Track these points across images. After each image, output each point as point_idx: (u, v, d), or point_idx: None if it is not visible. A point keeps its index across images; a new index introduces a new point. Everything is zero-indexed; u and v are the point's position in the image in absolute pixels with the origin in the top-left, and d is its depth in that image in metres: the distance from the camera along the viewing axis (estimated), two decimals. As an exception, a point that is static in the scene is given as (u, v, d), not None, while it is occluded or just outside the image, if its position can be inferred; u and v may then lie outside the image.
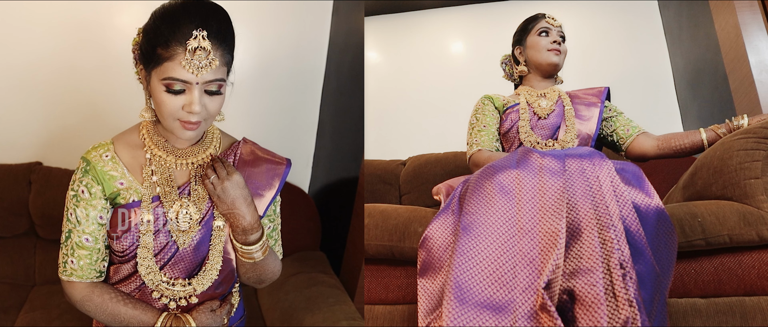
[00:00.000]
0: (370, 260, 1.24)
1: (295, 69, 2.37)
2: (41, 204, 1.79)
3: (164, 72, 0.94)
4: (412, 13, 3.30)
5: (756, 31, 1.80)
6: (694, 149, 1.41)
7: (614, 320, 0.78)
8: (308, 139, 2.44)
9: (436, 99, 3.12)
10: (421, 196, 2.19)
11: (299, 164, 2.41)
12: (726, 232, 1.12)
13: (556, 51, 1.53)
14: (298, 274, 1.71)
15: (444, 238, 1.00)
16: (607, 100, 1.59)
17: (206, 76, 0.94)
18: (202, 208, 1.06)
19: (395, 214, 1.23)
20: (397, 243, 1.20)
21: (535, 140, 1.46)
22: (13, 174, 1.86)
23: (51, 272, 1.78)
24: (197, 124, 0.98)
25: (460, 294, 0.84)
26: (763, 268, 1.12)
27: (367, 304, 1.22)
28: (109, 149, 1.05)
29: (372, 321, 1.19)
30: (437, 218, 1.05)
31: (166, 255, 1.03)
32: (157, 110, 1.00)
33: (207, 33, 0.93)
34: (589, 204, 0.91)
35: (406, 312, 1.17)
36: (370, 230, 1.22)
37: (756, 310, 1.09)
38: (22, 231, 1.83)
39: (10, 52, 2.04)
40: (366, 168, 2.38)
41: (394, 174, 2.34)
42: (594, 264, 0.83)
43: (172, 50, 0.93)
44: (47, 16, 2.05)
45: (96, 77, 2.07)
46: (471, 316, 0.82)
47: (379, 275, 1.23)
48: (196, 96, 0.95)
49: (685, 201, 1.34)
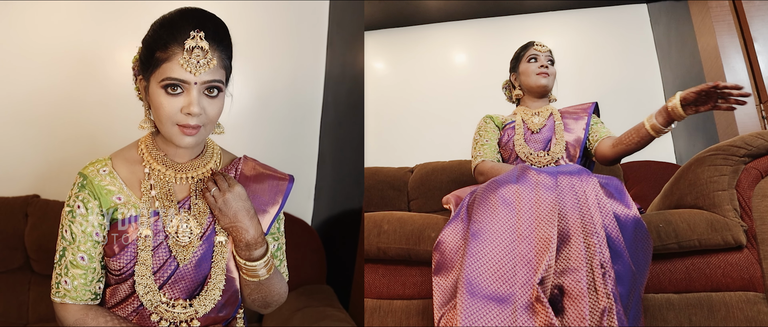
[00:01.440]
0: (388, 261, 1.43)
1: (292, 101, 2.35)
2: (37, 237, 1.73)
3: (163, 73, 0.93)
4: (417, 27, 3.45)
5: (733, 53, 1.98)
6: (644, 140, 1.46)
7: (594, 309, 0.96)
8: (309, 171, 2.40)
9: (439, 109, 3.27)
10: (428, 202, 2.36)
11: (301, 196, 2.36)
12: (696, 237, 1.30)
13: (544, 74, 1.72)
14: (306, 309, 1.62)
15: (455, 242, 1.18)
16: (594, 114, 1.77)
17: (204, 76, 0.94)
18: (203, 222, 1.02)
19: (411, 221, 1.41)
20: (413, 246, 1.38)
21: (528, 151, 1.65)
22: (10, 207, 1.79)
23: (45, 309, 1.71)
24: (196, 129, 0.96)
25: (471, 289, 1.02)
26: (727, 268, 1.30)
27: (386, 299, 1.40)
28: (106, 164, 1.02)
29: (391, 314, 1.37)
30: (449, 225, 1.23)
31: (165, 272, 0.99)
32: (155, 116, 0.98)
33: (204, 34, 0.94)
34: (577, 214, 1.09)
35: (421, 306, 1.35)
36: (389, 235, 1.40)
37: (721, 304, 1.27)
38: (16, 266, 1.75)
39: (9, 84, 2.01)
40: (376, 175, 2.54)
41: (403, 181, 2.52)
42: (579, 264, 1.01)
43: (170, 51, 0.93)
44: (48, 48, 2.03)
45: (95, 110, 2.04)
46: (480, 307, 1.00)
47: (397, 274, 1.41)
48: (194, 96, 0.94)
49: (666, 208, 1.52)
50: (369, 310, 1.39)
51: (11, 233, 1.74)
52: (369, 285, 1.41)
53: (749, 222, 1.31)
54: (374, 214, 1.46)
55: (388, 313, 1.37)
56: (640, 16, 3.15)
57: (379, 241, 1.40)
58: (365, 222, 1.44)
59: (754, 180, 1.35)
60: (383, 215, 1.44)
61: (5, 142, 2.03)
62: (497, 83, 2.04)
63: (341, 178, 2.21)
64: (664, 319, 1.27)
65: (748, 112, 1.91)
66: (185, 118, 0.94)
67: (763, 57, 1.93)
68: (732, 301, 1.27)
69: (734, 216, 1.31)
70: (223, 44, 0.99)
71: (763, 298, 1.26)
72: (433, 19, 3.38)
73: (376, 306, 1.39)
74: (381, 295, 1.41)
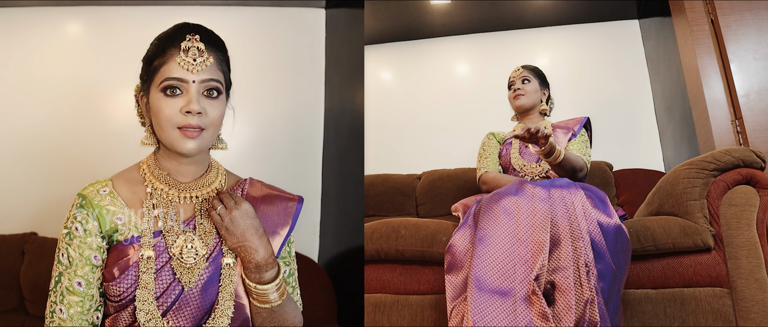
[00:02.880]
0: (405, 261, 1.63)
1: (293, 136, 2.33)
2: (33, 275, 1.67)
3: (161, 76, 0.93)
4: (421, 41, 3.59)
5: (712, 74, 2.18)
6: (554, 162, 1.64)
7: (579, 301, 1.17)
8: (313, 208, 2.34)
9: (443, 119, 3.40)
10: (435, 207, 2.57)
11: (305, 233, 2.30)
12: (670, 240, 1.50)
13: (518, 96, 1.95)
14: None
15: (464, 245, 1.39)
16: (584, 128, 1.97)
17: (202, 74, 0.93)
18: (209, 242, 0.97)
19: (424, 226, 1.62)
20: (427, 248, 1.59)
21: (522, 163, 1.87)
22: (6, 244, 1.73)
23: (38, 354, 1.59)
24: (198, 131, 0.93)
25: (479, 284, 1.23)
26: (697, 268, 1.50)
27: (404, 294, 1.61)
28: (107, 185, 0.99)
29: (408, 307, 1.58)
30: (458, 231, 1.44)
31: (169, 297, 0.92)
32: (156, 124, 0.95)
33: (200, 37, 0.95)
34: (566, 222, 1.30)
35: (434, 300, 1.56)
36: (406, 238, 1.61)
37: (692, 298, 1.47)
38: (10, 307, 1.68)
39: (11, 119, 1.99)
40: (386, 181, 2.74)
41: (411, 187, 2.72)
42: (568, 264, 1.22)
43: (168, 55, 0.94)
44: (51, 85, 2.02)
45: (97, 147, 2.03)
46: (486, 299, 1.21)
47: (413, 272, 1.62)
48: (193, 94, 0.92)
49: (648, 214, 1.72)
50: (388, 304, 1.60)
51: (6, 272, 1.66)
52: (388, 282, 1.63)
53: (717, 227, 1.51)
54: (392, 220, 1.68)
55: (405, 306, 1.58)
56: (632, 31, 3.29)
57: (398, 244, 1.61)
58: (384, 227, 1.65)
59: (722, 191, 1.55)
60: (400, 221, 1.65)
61: (4, 177, 1.98)
62: (497, 94, 2.22)
63: (347, 214, 2.12)
64: (643, 311, 1.48)
65: (725, 128, 2.12)
66: (186, 118, 0.92)
67: (738, 76, 2.13)
68: (701, 295, 1.47)
69: (704, 222, 1.51)
70: (220, 48, 0.99)
71: (728, 293, 1.46)
72: (437, 33, 3.53)
73: (395, 300, 1.60)
74: (399, 291, 1.62)
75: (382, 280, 1.63)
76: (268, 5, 2.42)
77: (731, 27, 2.20)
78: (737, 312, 1.43)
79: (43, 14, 2.17)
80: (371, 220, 2.42)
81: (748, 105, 2.08)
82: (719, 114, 2.12)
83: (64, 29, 2.20)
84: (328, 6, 2.51)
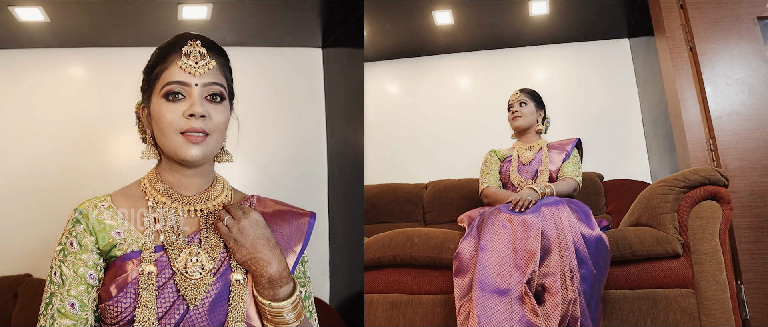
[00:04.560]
0: (418, 266, 1.89)
1: (297, 173, 2.30)
2: (25, 319, 1.61)
3: (162, 81, 0.89)
4: (426, 57, 3.77)
5: (689, 97, 2.43)
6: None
7: (565, 300, 1.43)
8: (321, 246, 2.25)
9: (447, 131, 3.57)
10: (441, 214, 2.79)
11: (315, 274, 2.16)
12: (645, 248, 1.74)
13: (516, 118, 2.18)
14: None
15: (469, 252, 1.65)
16: (576, 147, 2.22)
17: (204, 77, 0.89)
18: (217, 256, 0.89)
19: (435, 235, 1.88)
20: (437, 254, 1.84)
21: (520, 179, 2.12)
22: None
23: None
24: (202, 136, 0.88)
25: (482, 286, 1.49)
26: (668, 271, 1.74)
27: (417, 294, 1.86)
28: (105, 200, 0.92)
29: (421, 306, 1.83)
30: (464, 240, 1.70)
31: (172, 317, 0.83)
32: (158, 131, 0.89)
33: (200, 42, 0.92)
34: (555, 234, 1.55)
35: (443, 299, 1.82)
36: (418, 246, 1.86)
37: (663, 298, 1.71)
38: None
39: (11, 157, 1.96)
40: (396, 191, 2.95)
41: (419, 195, 2.96)
42: (556, 270, 1.48)
43: (169, 60, 0.90)
44: (51, 124, 1.99)
45: (96, 185, 1.87)
46: (488, 298, 1.47)
47: (425, 275, 1.88)
48: (196, 97, 0.88)
49: (630, 224, 1.97)
50: (403, 302, 1.85)
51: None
52: (403, 284, 1.88)
53: (685, 237, 1.75)
54: (406, 229, 1.93)
55: (418, 305, 1.84)
56: (623, 49, 3.44)
57: (412, 251, 1.87)
58: (399, 236, 1.91)
59: (690, 206, 1.79)
60: (414, 231, 1.91)
61: (1, 216, 1.92)
62: (498, 108, 2.40)
63: (358, 249, 2.01)
64: (621, 309, 1.73)
65: (700, 146, 2.37)
66: (189, 122, 0.87)
67: (712, 99, 2.38)
68: (671, 295, 1.71)
69: (674, 233, 1.76)
70: (221, 54, 0.96)
71: (693, 293, 1.70)
72: (441, 50, 3.69)
73: (409, 300, 1.86)
74: (413, 292, 1.88)
75: (398, 281, 1.88)
76: (266, 46, 2.44)
77: (707, 54, 2.45)
78: (701, 310, 1.67)
79: (46, 56, 2.16)
80: (382, 226, 2.69)
81: (720, 126, 2.33)
82: (695, 133, 2.36)
83: (66, 70, 2.20)
84: (324, 46, 2.54)
